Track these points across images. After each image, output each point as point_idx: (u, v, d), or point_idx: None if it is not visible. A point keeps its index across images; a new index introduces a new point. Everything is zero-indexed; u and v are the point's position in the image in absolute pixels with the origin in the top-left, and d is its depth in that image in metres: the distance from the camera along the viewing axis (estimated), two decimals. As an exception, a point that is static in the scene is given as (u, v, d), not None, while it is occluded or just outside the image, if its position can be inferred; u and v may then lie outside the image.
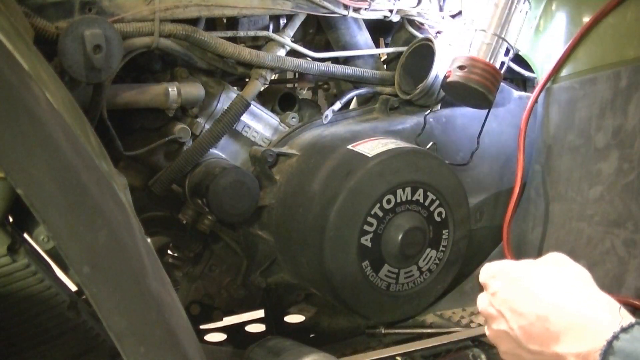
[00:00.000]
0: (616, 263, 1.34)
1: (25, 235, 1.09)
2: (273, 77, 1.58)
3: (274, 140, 1.51)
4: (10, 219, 1.00)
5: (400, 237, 1.32)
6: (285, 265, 1.48)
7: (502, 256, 1.51)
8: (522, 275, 0.77)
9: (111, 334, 0.67)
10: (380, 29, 1.67)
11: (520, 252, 1.54)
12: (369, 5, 1.50)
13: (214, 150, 1.46)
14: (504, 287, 0.78)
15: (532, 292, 0.74)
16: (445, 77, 1.43)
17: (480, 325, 1.42)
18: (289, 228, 1.40)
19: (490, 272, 0.82)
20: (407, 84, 1.58)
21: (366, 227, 1.31)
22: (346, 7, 1.48)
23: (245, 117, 1.47)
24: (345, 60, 1.59)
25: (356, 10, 1.50)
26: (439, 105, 1.57)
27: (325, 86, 1.72)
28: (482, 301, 0.82)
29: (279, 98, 1.58)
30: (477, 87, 1.39)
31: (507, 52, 1.46)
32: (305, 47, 1.52)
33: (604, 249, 1.37)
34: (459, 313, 1.51)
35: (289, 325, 1.70)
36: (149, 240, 1.26)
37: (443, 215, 1.38)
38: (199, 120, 1.45)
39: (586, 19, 1.48)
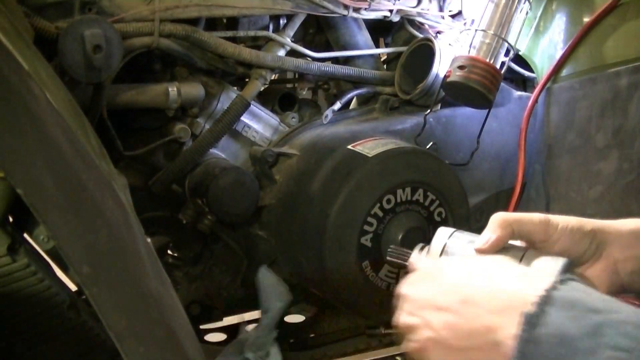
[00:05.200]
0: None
1: (25, 235, 1.09)
2: (273, 77, 1.58)
3: (274, 140, 1.51)
4: (10, 219, 1.00)
5: (400, 237, 1.32)
6: (285, 265, 1.48)
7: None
8: (431, 270, 0.71)
9: (111, 334, 0.67)
10: (380, 29, 1.67)
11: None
12: (369, 5, 1.50)
13: (214, 150, 1.46)
14: (418, 289, 0.69)
15: (449, 281, 0.67)
16: (445, 77, 1.43)
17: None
18: (289, 228, 1.40)
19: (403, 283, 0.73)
20: (407, 84, 1.58)
21: (366, 227, 1.31)
22: (346, 7, 1.48)
23: (245, 117, 1.47)
24: (345, 60, 1.59)
25: (356, 10, 1.50)
26: (439, 105, 1.57)
27: (325, 86, 1.72)
28: (400, 315, 0.71)
29: (279, 98, 1.58)
30: (477, 87, 1.39)
31: (507, 52, 1.46)
32: (305, 47, 1.52)
33: (604, 249, 1.37)
34: (459, 313, 1.51)
35: (289, 325, 1.70)
36: (149, 240, 1.26)
37: (443, 215, 1.38)
38: (199, 120, 1.45)
39: (586, 19, 1.48)
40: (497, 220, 0.78)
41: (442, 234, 0.82)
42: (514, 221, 0.78)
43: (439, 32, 1.63)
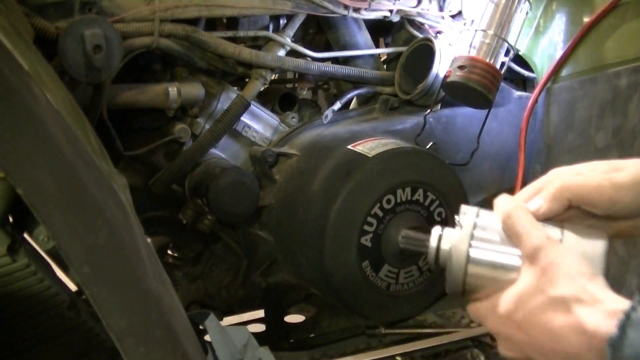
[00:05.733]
0: (616, 263, 1.34)
1: (25, 235, 1.09)
2: (273, 77, 1.58)
3: (274, 140, 1.51)
4: (10, 219, 1.00)
5: (400, 237, 1.32)
6: (285, 265, 1.48)
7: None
8: (518, 318, 0.70)
9: (111, 334, 0.67)
10: (380, 29, 1.67)
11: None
12: (369, 5, 1.50)
13: (214, 150, 1.46)
14: (511, 334, 0.71)
15: (532, 337, 0.69)
16: (445, 77, 1.43)
17: (480, 325, 1.42)
18: (289, 228, 1.40)
19: (496, 316, 0.72)
20: (407, 84, 1.58)
21: (366, 227, 1.31)
22: (346, 7, 1.48)
23: (245, 117, 1.47)
24: (345, 60, 1.59)
25: (356, 10, 1.50)
26: (439, 105, 1.57)
27: (325, 86, 1.72)
28: (503, 348, 0.74)
29: (279, 98, 1.58)
30: (477, 87, 1.39)
31: (507, 52, 1.46)
32: (305, 47, 1.52)
33: (604, 248, 1.37)
34: (459, 313, 1.51)
35: (289, 325, 1.70)
36: (149, 240, 1.26)
37: (443, 215, 1.38)
38: (199, 120, 1.45)
39: (586, 19, 1.48)
40: (553, 189, 0.75)
41: (469, 213, 0.77)
42: (573, 193, 0.74)
43: (439, 32, 1.63)
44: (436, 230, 0.78)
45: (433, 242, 0.77)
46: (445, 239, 0.77)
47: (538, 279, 0.69)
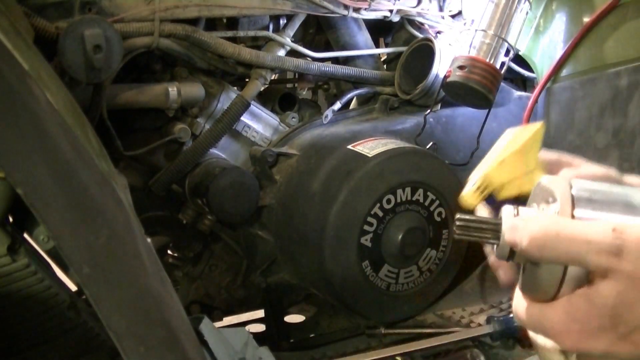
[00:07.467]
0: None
1: (25, 235, 1.09)
2: (273, 77, 1.59)
3: (274, 140, 1.51)
4: (10, 219, 1.00)
5: (400, 237, 1.32)
6: (285, 265, 1.48)
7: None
8: None
9: (111, 334, 0.67)
10: (380, 29, 1.67)
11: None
12: (369, 5, 1.50)
13: (214, 150, 1.46)
14: None
15: None
16: (445, 77, 1.43)
17: (480, 325, 1.42)
18: (289, 228, 1.40)
19: None
20: (407, 84, 1.58)
21: (366, 227, 1.31)
22: (346, 7, 1.48)
23: (245, 117, 1.47)
24: (345, 60, 1.59)
25: (356, 10, 1.50)
26: (439, 105, 1.57)
27: (325, 86, 1.72)
28: None
29: (279, 98, 1.58)
30: (477, 87, 1.39)
31: (507, 52, 1.46)
32: (305, 47, 1.52)
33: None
34: (459, 313, 1.51)
35: (289, 325, 1.70)
36: (149, 240, 1.26)
37: (443, 215, 1.38)
38: (199, 120, 1.45)
39: (586, 19, 1.48)
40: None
41: (560, 186, 0.53)
42: None
43: (439, 32, 1.63)
44: (508, 210, 0.54)
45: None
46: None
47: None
